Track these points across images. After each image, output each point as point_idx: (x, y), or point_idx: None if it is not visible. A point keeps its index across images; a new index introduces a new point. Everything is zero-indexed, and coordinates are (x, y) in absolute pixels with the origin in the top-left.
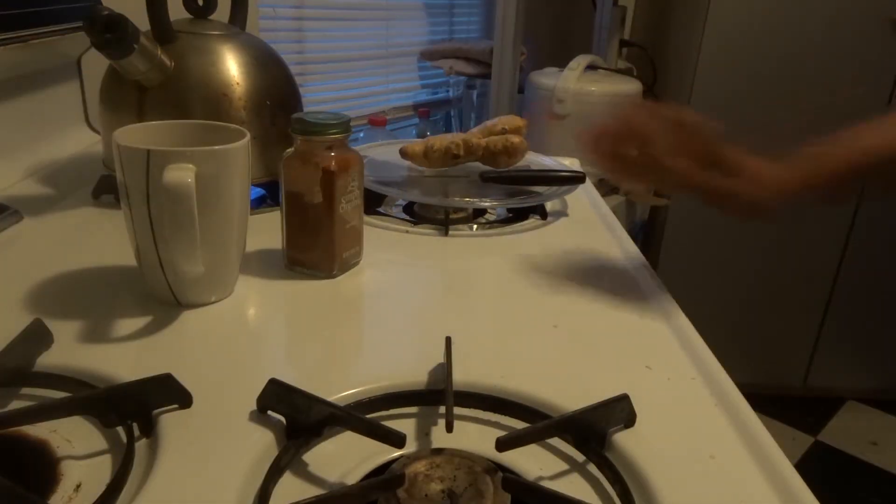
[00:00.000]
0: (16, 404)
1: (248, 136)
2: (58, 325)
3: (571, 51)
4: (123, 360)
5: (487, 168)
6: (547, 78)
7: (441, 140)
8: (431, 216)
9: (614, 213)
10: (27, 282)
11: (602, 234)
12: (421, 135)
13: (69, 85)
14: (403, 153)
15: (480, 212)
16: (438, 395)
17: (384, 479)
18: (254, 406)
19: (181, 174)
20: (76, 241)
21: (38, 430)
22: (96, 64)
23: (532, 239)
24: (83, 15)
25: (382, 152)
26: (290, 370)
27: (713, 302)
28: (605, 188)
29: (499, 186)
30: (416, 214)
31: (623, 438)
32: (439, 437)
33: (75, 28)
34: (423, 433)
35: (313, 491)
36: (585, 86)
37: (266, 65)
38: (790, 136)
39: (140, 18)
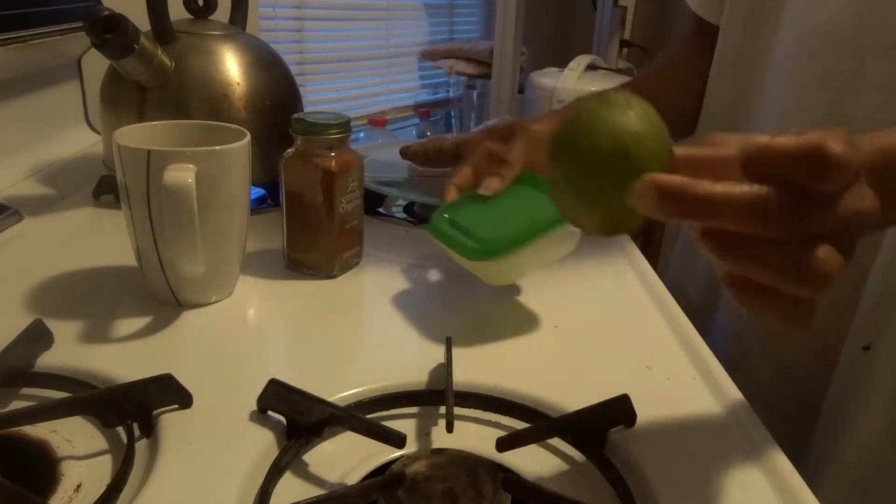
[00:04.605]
0: (16, 404)
1: (248, 136)
2: (58, 325)
3: (572, 51)
4: (123, 360)
5: None
6: (547, 78)
7: (441, 140)
8: (431, 216)
9: None
10: (27, 282)
11: None
12: (421, 135)
13: (69, 85)
14: (403, 153)
15: None
16: (439, 395)
17: (384, 480)
18: (254, 406)
19: (181, 174)
20: (76, 241)
21: (39, 431)
22: (96, 64)
23: None
24: (83, 15)
25: (382, 152)
26: (290, 370)
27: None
28: None
29: None
30: (416, 214)
31: (623, 438)
32: (439, 437)
33: (75, 28)
34: (424, 433)
35: (313, 491)
36: (586, 86)
37: (266, 65)
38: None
39: (140, 18)
